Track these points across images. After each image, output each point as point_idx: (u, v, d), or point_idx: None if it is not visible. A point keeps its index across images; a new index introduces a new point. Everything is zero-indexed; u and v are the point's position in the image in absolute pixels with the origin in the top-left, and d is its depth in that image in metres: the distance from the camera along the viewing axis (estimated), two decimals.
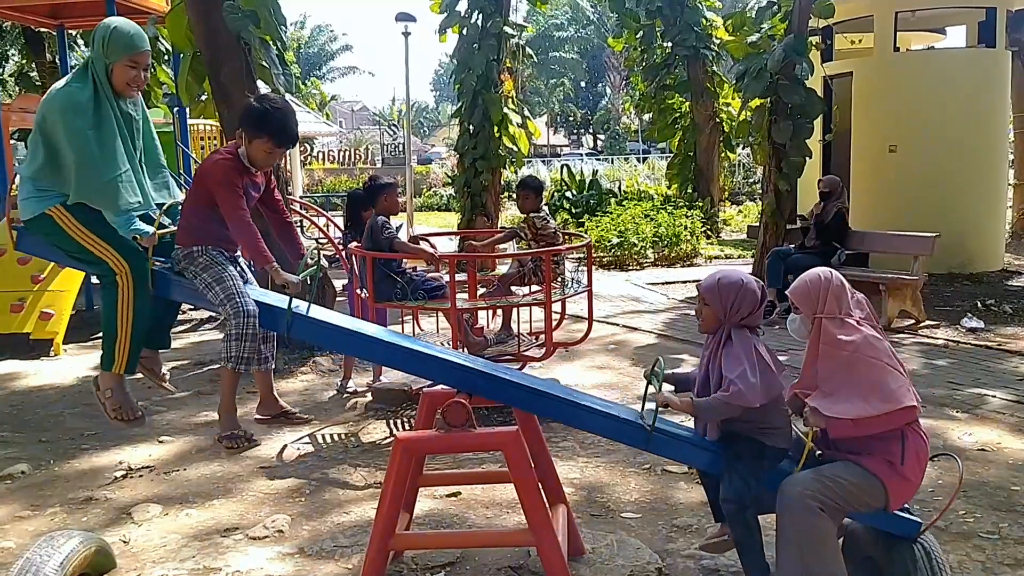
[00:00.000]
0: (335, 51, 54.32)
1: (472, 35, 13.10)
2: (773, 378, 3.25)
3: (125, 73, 3.29)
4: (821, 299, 3.25)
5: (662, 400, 3.26)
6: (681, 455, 3.53)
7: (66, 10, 10.48)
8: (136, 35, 3.33)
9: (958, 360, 7.26)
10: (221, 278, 3.37)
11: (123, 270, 3.29)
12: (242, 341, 3.33)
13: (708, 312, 3.35)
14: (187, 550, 4.05)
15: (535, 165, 31.07)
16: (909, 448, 3.20)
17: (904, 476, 3.20)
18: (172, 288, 3.54)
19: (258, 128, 3.45)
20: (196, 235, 3.45)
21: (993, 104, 11.42)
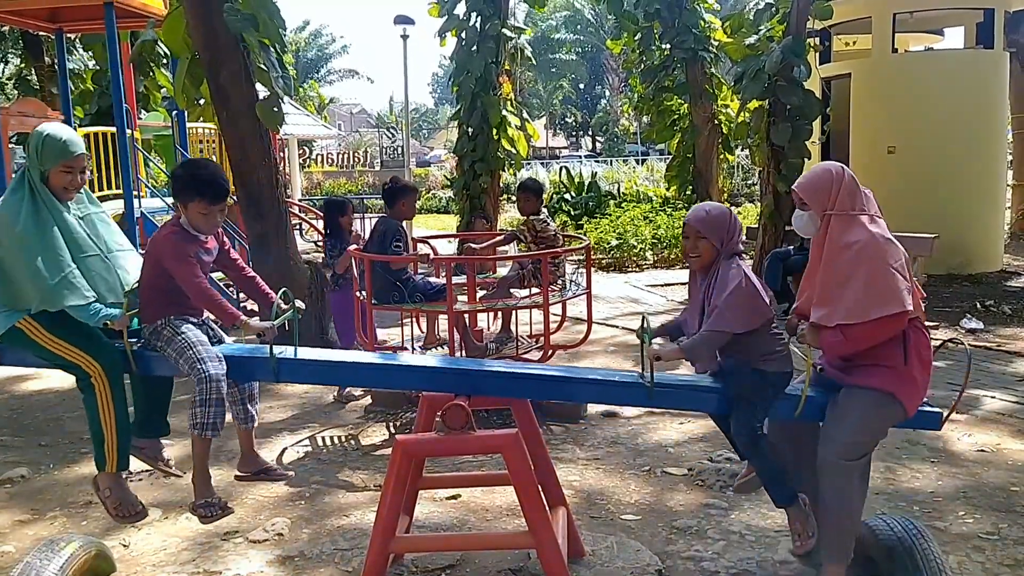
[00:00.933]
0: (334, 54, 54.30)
1: (471, 38, 13.11)
2: (760, 303, 3.21)
3: (61, 178, 3.33)
4: (833, 193, 3.18)
5: (653, 354, 3.24)
6: (686, 403, 3.52)
7: (65, 14, 10.47)
8: (68, 141, 3.35)
9: (957, 361, 7.26)
10: (182, 348, 3.38)
11: (96, 371, 3.31)
12: (206, 407, 3.33)
13: (706, 245, 3.30)
14: (187, 554, 4.05)
15: (534, 167, 31.06)
16: (911, 347, 3.16)
17: (911, 377, 3.17)
18: (154, 365, 3.53)
19: (188, 194, 3.48)
20: (158, 309, 3.46)
21: (991, 105, 11.43)
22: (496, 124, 13.06)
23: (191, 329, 3.45)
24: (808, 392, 3.26)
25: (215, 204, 3.51)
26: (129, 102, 10.57)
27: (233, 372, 3.49)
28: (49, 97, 15.12)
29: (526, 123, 13.93)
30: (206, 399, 3.32)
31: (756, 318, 3.20)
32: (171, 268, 3.40)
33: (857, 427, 3.16)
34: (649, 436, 5.63)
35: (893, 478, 4.73)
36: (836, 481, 3.16)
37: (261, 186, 7.75)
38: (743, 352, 3.26)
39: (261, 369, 3.49)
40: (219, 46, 7.41)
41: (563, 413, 6.00)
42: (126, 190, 9.77)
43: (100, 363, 3.31)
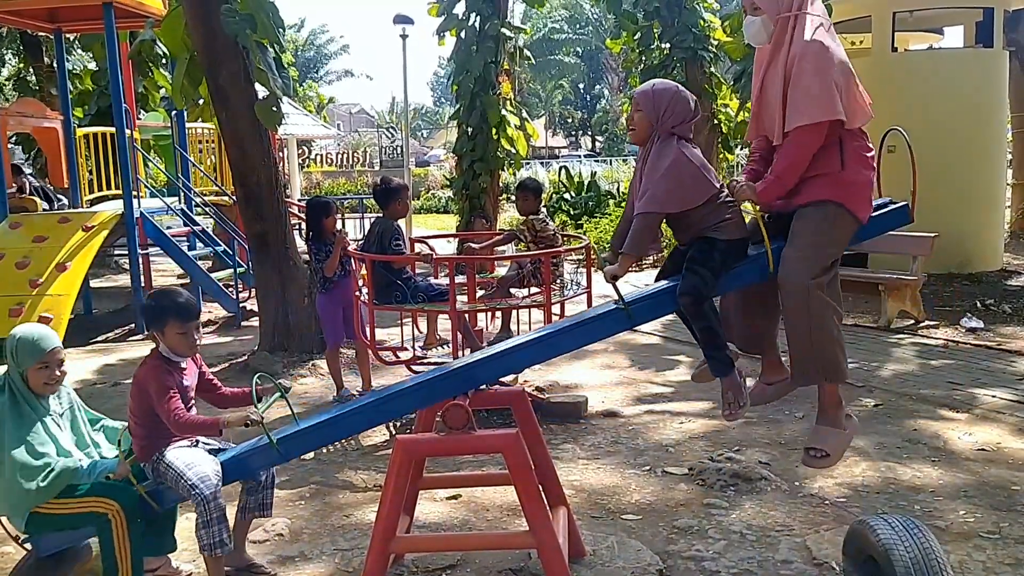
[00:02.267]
0: (333, 53, 54.31)
1: (470, 38, 13.10)
2: (699, 178, 3.20)
3: (39, 375, 3.41)
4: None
5: (608, 274, 3.26)
6: (661, 308, 3.46)
7: (63, 14, 10.45)
8: (40, 339, 3.43)
9: (957, 360, 7.26)
10: (175, 478, 3.45)
11: (112, 508, 3.36)
12: (209, 527, 3.40)
13: (640, 118, 3.29)
14: (187, 553, 4.04)
15: (533, 167, 31.07)
16: (848, 151, 3.13)
17: (850, 180, 3.14)
18: (169, 496, 3.57)
19: (161, 320, 3.54)
20: (150, 446, 3.53)
21: (991, 104, 11.43)
22: (495, 124, 13.06)
23: (179, 455, 3.51)
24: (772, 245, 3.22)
25: (189, 322, 3.58)
26: (128, 102, 10.56)
27: (240, 472, 3.57)
28: (48, 97, 15.12)
29: (525, 123, 13.93)
30: (208, 520, 3.39)
31: (693, 196, 3.17)
32: (154, 404, 3.46)
33: (808, 241, 3.13)
34: (649, 435, 5.63)
35: (894, 477, 4.73)
36: (800, 300, 3.12)
37: (260, 186, 7.75)
38: (692, 227, 3.25)
39: (266, 457, 3.51)
40: (218, 46, 7.40)
41: (563, 413, 6.00)
42: (125, 190, 9.76)
43: (117, 501, 3.37)
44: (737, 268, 3.31)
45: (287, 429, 3.49)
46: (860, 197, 3.17)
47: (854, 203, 3.15)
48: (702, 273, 3.21)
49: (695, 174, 3.19)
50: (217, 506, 3.39)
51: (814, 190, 3.14)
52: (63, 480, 3.32)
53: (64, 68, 11.21)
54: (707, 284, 3.22)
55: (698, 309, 3.23)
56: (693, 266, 3.23)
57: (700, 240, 3.26)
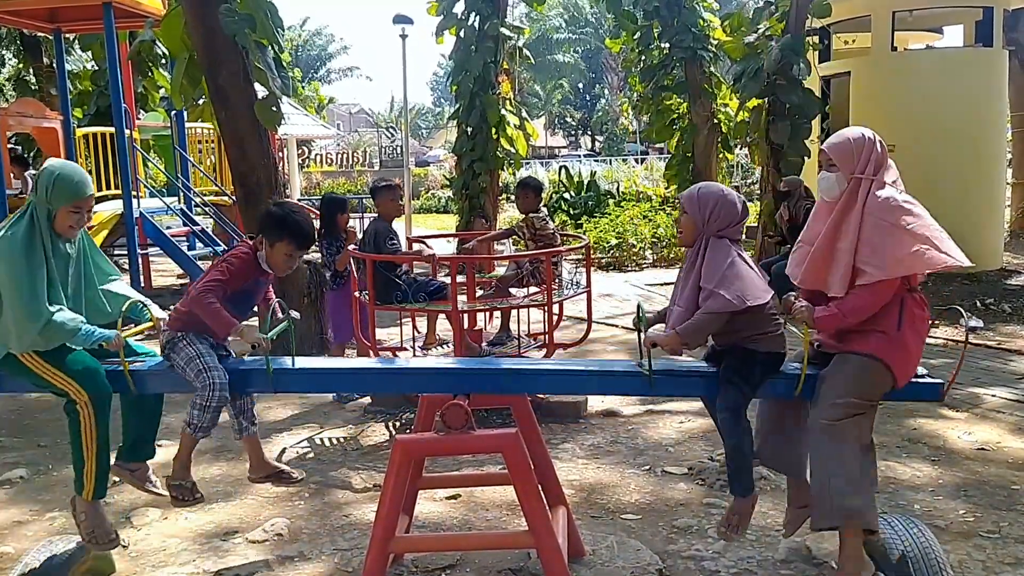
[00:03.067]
0: (333, 53, 54.32)
1: (469, 37, 13.08)
2: (756, 281, 3.20)
3: (68, 218, 3.34)
4: (864, 157, 3.17)
5: (649, 342, 3.25)
6: (683, 389, 3.51)
7: (63, 14, 10.46)
8: (80, 182, 3.36)
9: (957, 359, 7.25)
10: (192, 357, 3.43)
11: (82, 399, 3.32)
12: (204, 412, 3.40)
13: (687, 220, 3.32)
14: (186, 554, 4.05)
15: (533, 167, 31.04)
16: (907, 314, 3.15)
17: (902, 344, 3.15)
18: (151, 383, 3.55)
19: (279, 232, 3.52)
20: (184, 321, 3.51)
21: (991, 103, 11.43)
22: (495, 123, 13.05)
23: (203, 343, 3.50)
24: (808, 370, 3.24)
25: (300, 250, 3.59)
26: (128, 102, 10.56)
27: (232, 385, 3.53)
28: (47, 98, 15.12)
29: (525, 122, 13.91)
30: (206, 405, 3.39)
31: (750, 297, 3.17)
32: (215, 267, 3.45)
33: (842, 388, 3.14)
34: (649, 435, 5.63)
35: (894, 476, 4.73)
36: (823, 443, 3.13)
37: (260, 186, 7.73)
38: (735, 332, 3.24)
39: (258, 381, 3.52)
40: (217, 46, 7.40)
41: (563, 412, 6.00)
42: (125, 190, 9.76)
43: (88, 392, 3.32)
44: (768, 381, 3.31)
45: (287, 362, 3.49)
46: (906, 363, 3.20)
47: (900, 368, 3.17)
48: (744, 389, 3.24)
49: (754, 276, 3.21)
50: (222, 398, 3.39)
51: (867, 343, 3.16)
52: (61, 335, 3.25)
53: (64, 68, 11.21)
54: (747, 400, 3.25)
55: (735, 426, 3.23)
56: (735, 379, 3.24)
57: (742, 350, 3.26)
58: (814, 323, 3.18)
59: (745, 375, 3.24)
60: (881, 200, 3.12)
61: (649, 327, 3.35)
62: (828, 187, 3.28)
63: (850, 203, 3.18)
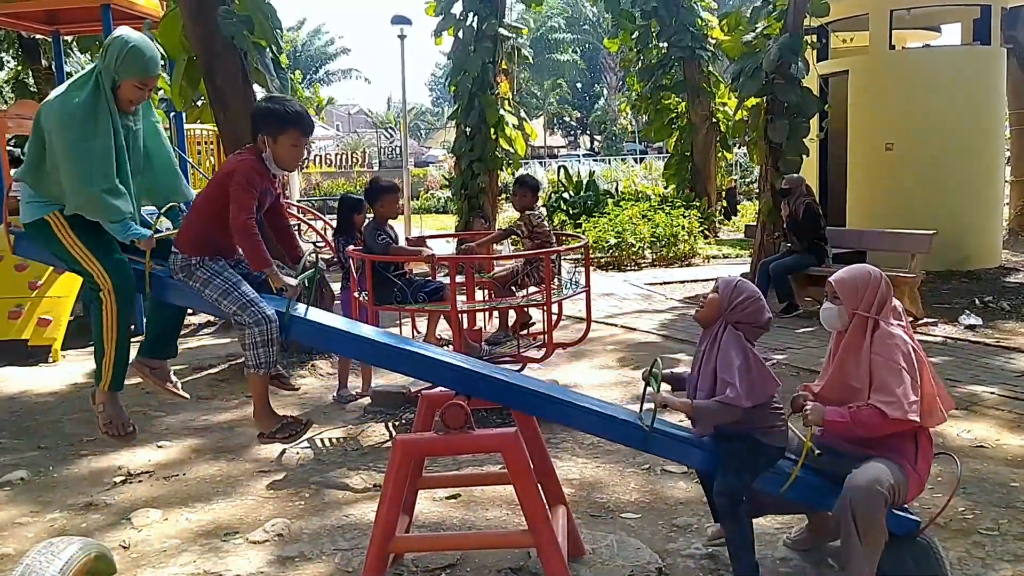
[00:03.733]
0: (332, 54, 54.30)
1: (468, 37, 13.10)
2: (768, 378, 3.28)
3: (132, 92, 3.29)
4: (867, 296, 3.27)
5: (661, 401, 3.29)
6: (679, 455, 3.57)
7: (61, 16, 10.46)
8: (151, 59, 3.32)
9: (956, 357, 7.27)
10: (228, 289, 3.31)
11: (107, 286, 3.29)
12: (267, 347, 3.30)
13: (713, 299, 3.38)
14: (187, 554, 4.05)
15: (532, 166, 31.05)
16: (920, 449, 3.26)
17: (916, 475, 3.26)
18: (169, 291, 3.51)
19: (282, 124, 3.39)
20: (196, 244, 3.37)
21: (989, 101, 11.44)
22: (494, 123, 13.06)
23: (228, 270, 3.38)
24: (798, 472, 3.29)
25: (306, 136, 3.48)
26: None
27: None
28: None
29: (524, 122, 13.93)
30: (267, 339, 3.29)
31: (763, 394, 3.26)
32: (234, 194, 3.29)
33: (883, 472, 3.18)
34: None
35: None
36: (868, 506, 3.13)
37: None
38: (742, 421, 3.29)
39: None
40: (216, 47, 7.41)
41: None
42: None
43: (113, 280, 3.29)
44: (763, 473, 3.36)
45: (302, 312, 3.45)
46: (915, 488, 3.31)
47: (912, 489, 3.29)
48: (744, 477, 3.28)
49: (767, 373, 3.28)
50: (277, 328, 3.29)
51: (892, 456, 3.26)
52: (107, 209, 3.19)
53: (62, 70, 11.21)
54: (746, 487, 3.29)
55: (734, 511, 3.27)
56: (737, 466, 3.28)
57: (748, 439, 3.30)
58: (823, 423, 3.23)
59: (748, 464, 3.30)
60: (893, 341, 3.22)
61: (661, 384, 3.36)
62: (830, 318, 3.40)
63: (855, 338, 3.29)
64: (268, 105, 3.52)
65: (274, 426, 3.53)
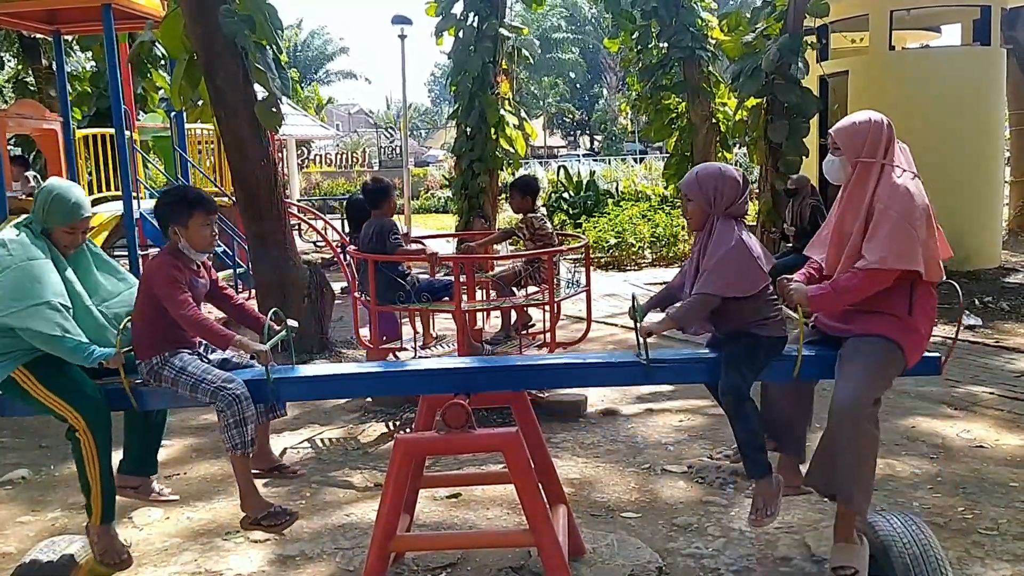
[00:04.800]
0: (332, 54, 54.28)
1: (468, 37, 13.09)
2: (754, 269, 3.21)
3: (64, 237, 3.33)
4: (869, 142, 3.18)
5: (644, 330, 3.26)
6: (682, 377, 3.55)
7: (62, 16, 10.44)
8: (75, 204, 3.34)
9: (955, 357, 7.27)
10: (195, 383, 3.33)
11: (80, 425, 3.29)
12: (240, 427, 3.30)
13: (693, 207, 3.33)
14: (188, 553, 4.06)
15: (532, 166, 31.04)
16: (918, 299, 3.17)
17: (915, 327, 3.17)
18: (153, 400, 3.51)
19: (188, 210, 3.45)
20: (152, 345, 3.41)
21: (989, 102, 11.44)
22: (494, 123, 13.05)
23: (192, 361, 3.40)
24: (804, 352, 3.26)
25: (212, 214, 3.53)
26: (127, 104, 10.56)
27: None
28: (47, 99, 15.09)
29: (524, 122, 13.92)
30: (239, 420, 3.29)
31: (747, 284, 3.18)
32: (162, 296, 3.35)
33: (864, 376, 3.14)
34: (649, 434, 5.64)
35: (892, 474, 4.74)
36: (848, 429, 3.12)
37: (259, 187, 7.75)
38: (737, 318, 3.25)
39: (260, 391, 3.45)
40: (217, 47, 7.41)
41: (563, 411, 6.02)
42: (125, 192, 9.75)
43: (85, 418, 3.28)
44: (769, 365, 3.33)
45: (287, 372, 3.47)
46: (917, 346, 3.22)
47: (910, 350, 3.19)
48: (745, 373, 3.24)
49: (754, 263, 3.21)
50: (248, 406, 3.30)
51: (878, 325, 3.17)
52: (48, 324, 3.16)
53: (63, 70, 11.20)
54: (749, 383, 3.24)
55: (740, 409, 3.23)
56: (737, 364, 3.25)
57: (744, 335, 3.27)
58: (808, 304, 3.18)
59: (748, 359, 3.25)
60: (892, 187, 3.11)
61: (644, 315, 3.36)
62: (833, 170, 3.29)
63: (858, 188, 3.17)
64: (168, 198, 3.59)
65: (259, 512, 3.46)
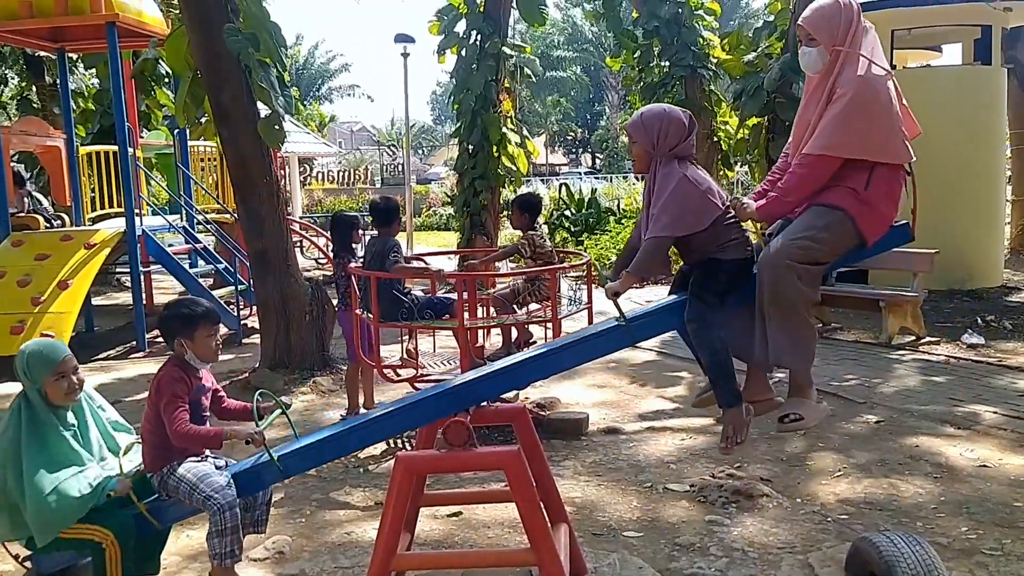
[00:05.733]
0: (334, 72, 54.55)
1: (471, 56, 13.16)
2: (704, 201, 3.19)
3: (57, 387, 3.39)
4: (843, 27, 3.12)
5: (610, 291, 3.27)
6: (661, 326, 3.52)
7: (66, 33, 10.52)
8: (47, 349, 3.43)
9: (958, 376, 7.26)
10: (190, 491, 3.43)
11: (107, 537, 3.35)
12: (223, 536, 3.38)
13: (637, 149, 3.33)
14: (188, 572, 4.04)
15: (534, 184, 31.13)
16: (878, 177, 3.10)
17: (871, 204, 3.10)
18: (170, 514, 3.59)
19: (193, 324, 3.58)
20: (160, 456, 3.52)
21: (990, 121, 11.47)
22: (496, 141, 13.10)
23: (191, 468, 3.50)
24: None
25: (216, 325, 3.68)
26: (131, 121, 10.60)
27: (244, 487, 3.53)
28: (51, 116, 15.18)
29: (526, 140, 13.97)
30: (222, 529, 3.37)
31: (694, 219, 3.16)
32: (162, 409, 3.46)
33: (800, 231, 3.10)
34: (650, 452, 5.62)
35: (896, 494, 4.72)
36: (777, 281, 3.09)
37: (262, 204, 7.77)
38: (698, 250, 3.24)
39: (268, 473, 3.50)
40: (221, 65, 7.45)
41: (564, 429, 6.00)
42: (128, 209, 9.79)
43: (111, 529, 3.36)
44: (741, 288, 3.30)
45: (288, 445, 3.50)
46: (873, 220, 3.13)
47: (865, 222, 3.12)
48: (707, 299, 3.21)
49: (700, 196, 3.19)
50: (233, 515, 3.38)
51: (830, 195, 3.11)
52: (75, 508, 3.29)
53: (67, 87, 11.27)
54: (712, 309, 3.21)
55: (706, 336, 3.22)
56: (699, 291, 3.23)
57: (705, 262, 3.25)
58: (759, 216, 3.16)
59: (708, 285, 3.23)
60: (852, 77, 3.06)
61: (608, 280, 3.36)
62: (810, 62, 3.23)
63: (824, 77, 3.13)
64: (173, 312, 3.70)
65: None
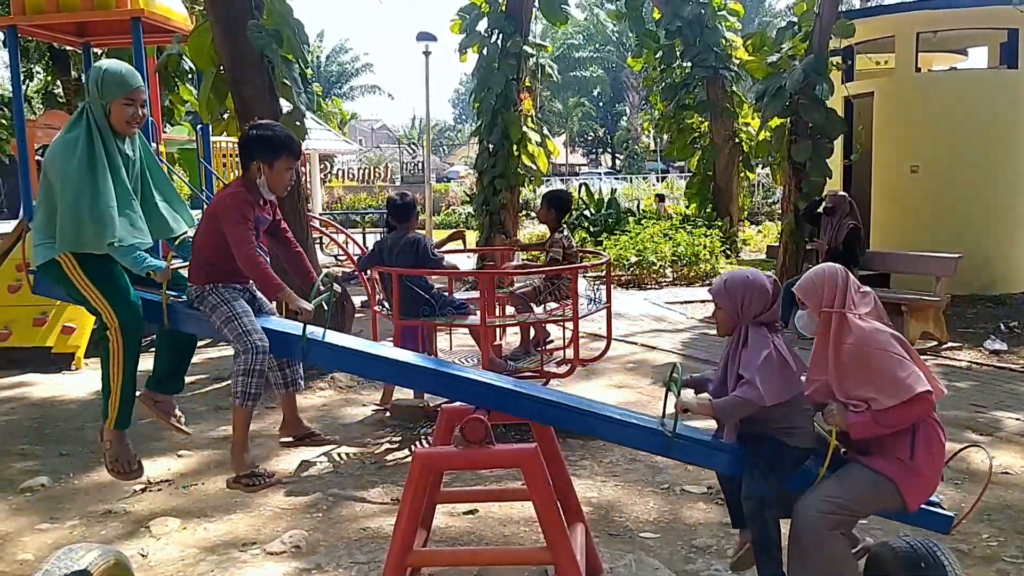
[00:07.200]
0: (356, 70, 54.75)
1: (492, 54, 13.16)
2: (791, 376, 3.23)
3: (123, 111, 3.35)
4: (826, 293, 3.23)
5: (682, 405, 3.25)
6: (703, 459, 3.53)
7: (92, 28, 10.59)
8: (127, 73, 3.38)
9: (981, 382, 7.19)
10: (229, 318, 3.39)
11: (113, 324, 3.33)
12: (248, 376, 3.35)
13: (721, 315, 3.38)
14: (205, 564, 4.06)
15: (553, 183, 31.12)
16: (920, 443, 3.14)
17: (916, 471, 3.15)
18: (185, 322, 3.57)
19: (276, 150, 3.51)
20: (207, 273, 3.48)
21: (1015, 124, 11.34)
22: (516, 140, 13.10)
23: (237, 299, 3.46)
24: (824, 473, 3.24)
25: (297, 159, 3.60)
26: (154, 116, 10.68)
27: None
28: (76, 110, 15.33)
29: (546, 139, 13.95)
30: (250, 369, 3.34)
31: (785, 392, 3.21)
32: (227, 228, 3.41)
33: (838, 489, 3.14)
34: None
35: None
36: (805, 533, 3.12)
37: (282, 200, 7.78)
38: (767, 421, 3.26)
39: (291, 347, 3.50)
40: (244, 61, 7.48)
41: None
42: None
43: (120, 320, 3.32)
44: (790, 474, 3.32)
45: (322, 337, 3.47)
46: (919, 490, 3.20)
47: (909, 492, 3.18)
48: (771, 480, 3.24)
49: (790, 372, 3.24)
50: (262, 360, 3.35)
51: (880, 464, 3.18)
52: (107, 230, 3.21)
53: None
54: (773, 491, 3.24)
55: (761, 515, 3.23)
56: (764, 470, 3.24)
57: (771, 441, 3.27)
58: (846, 425, 3.16)
59: (775, 466, 3.25)
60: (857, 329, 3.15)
61: (681, 391, 3.35)
62: (804, 325, 3.35)
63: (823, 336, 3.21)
64: (259, 132, 3.60)
65: (243, 470, 3.51)
